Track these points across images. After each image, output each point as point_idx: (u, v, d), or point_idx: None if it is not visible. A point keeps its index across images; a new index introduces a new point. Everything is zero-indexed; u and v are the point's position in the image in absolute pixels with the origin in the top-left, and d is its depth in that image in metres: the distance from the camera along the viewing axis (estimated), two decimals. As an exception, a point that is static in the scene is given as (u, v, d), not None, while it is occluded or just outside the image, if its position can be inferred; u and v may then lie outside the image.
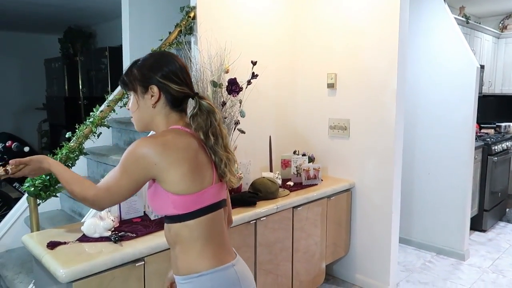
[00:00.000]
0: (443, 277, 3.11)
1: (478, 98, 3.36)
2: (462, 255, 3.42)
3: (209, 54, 2.38)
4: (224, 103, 2.33)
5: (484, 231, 4.09)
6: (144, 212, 2.05)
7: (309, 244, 2.60)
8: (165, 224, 1.22)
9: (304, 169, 2.74)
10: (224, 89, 2.34)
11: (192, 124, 1.18)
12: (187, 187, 1.12)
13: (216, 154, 1.18)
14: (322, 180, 2.82)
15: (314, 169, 2.75)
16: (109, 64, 4.91)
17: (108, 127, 2.29)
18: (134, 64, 1.23)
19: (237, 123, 2.44)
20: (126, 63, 3.12)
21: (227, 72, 2.37)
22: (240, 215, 2.10)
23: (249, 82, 2.45)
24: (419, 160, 3.59)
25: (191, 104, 1.23)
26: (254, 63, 2.45)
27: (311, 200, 2.56)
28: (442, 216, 3.51)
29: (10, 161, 1.20)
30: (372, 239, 2.85)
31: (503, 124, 5.03)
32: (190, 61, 2.32)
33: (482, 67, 4.57)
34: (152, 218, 1.98)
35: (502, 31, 5.26)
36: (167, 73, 1.18)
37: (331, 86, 2.95)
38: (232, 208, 2.16)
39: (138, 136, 2.63)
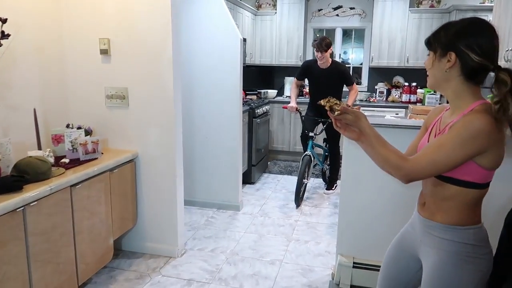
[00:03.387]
0: (223, 228, 3.49)
1: (243, 68, 3.80)
2: (237, 206, 3.91)
3: None
4: (-37, 69, 1.85)
5: (253, 183, 4.77)
6: None
7: (93, 223, 2.44)
8: (438, 181, 1.26)
9: (80, 144, 2.50)
10: (-39, 51, 1.85)
11: (493, 94, 1.17)
12: (496, 164, 1.19)
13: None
14: (102, 153, 2.65)
15: (92, 142, 2.55)
16: None
17: None
18: (444, 26, 1.24)
19: (-14, 94, 1.99)
20: None
21: (-37, 29, 1.88)
22: (2, 203, 1.75)
23: (-2, 44, 2.01)
24: (198, 126, 3.83)
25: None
26: (3, 21, 2.02)
27: (92, 176, 2.38)
28: (220, 175, 3.88)
29: (340, 107, 1.25)
30: (159, 206, 2.91)
31: (262, 91, 5.88)
32: None
33: (244, 40, 5.15)
34: None
35: (258, 9, 6.04)
36: (471, 43, 1.16)
37: (104, 52, 2.74)
38: (-10, 198, 1.79)
39: None
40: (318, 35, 6.42)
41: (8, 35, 2.03)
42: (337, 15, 6.04)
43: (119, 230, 2.74)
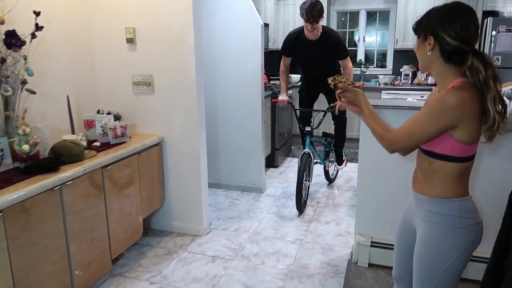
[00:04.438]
0: (247, 209, 3.62)
1: (266, 53, 3.86)
2: (260, 188, 4.02)
3: (-26, 0, 1.98)
4: (3, 60, 2.02)
5: (276, 166, 4.87)
6: None
7: (123, 202, 2.61)
8: (424, 156, 1.37)
9: (110, 128, 2.66)
10: (1, 44, 2.01)
11: (469, 76, 1.27)
12: (472, 139, 1.26)
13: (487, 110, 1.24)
14: (130, 137, 2.81)
15: (121, 127, 2.70)
16: None
17: None
18: (427, 13, 1.34)
19: (24, 82, 2.16)
20: None
21: (2, 23, 2.03)
22: (41, 182, 1.93)
23: (33, 35, 2.17)
24: (221, 111, 3.94)
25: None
26: (37, 14, 2.17)
27: (121, 158, 2.54)
28: (243, 158, 4.00)
29: (341, 85, 1.46)
30: (185, 187, 3.06)
31: (286, 76, 5.91)
32: None
33: (266, 25, 5.19)
34: None
35: (280, -6, 6.03)
36: (446, 27, 1.26)
37: (130, 41, 2.88)
38: (29, 177, 1.97)
39: None
40: (342, 19, 6.36)
41: (42, 27, 2.18)
42: (361, -3, 5.95)
43: (148, 209, 2.91)
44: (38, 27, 2.17)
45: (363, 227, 2.67)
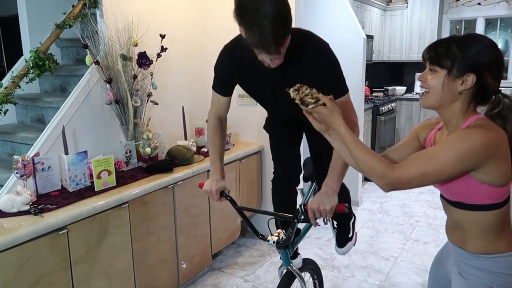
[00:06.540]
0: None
1: (369, 65, 3.85)
2: (356, 201, 3.98)
3: (117, 28, 2.41)
4: (135, 76, 2.41)
5: (375, 181, 4.75)
6: (62, 185, 2.09)
7: (225, 204, 2.85)
8: (452, 208, 1.19)
9: (216, 136, 2.94)
10: (134, 63, 2.41)
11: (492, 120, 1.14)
12: (503, 180, 1.10)
13: None
14: (234, 145, 3.07)
15: (226, 135, 2.97)
16: (2, 36, 4.57)
17: (15, 103, 2.23)
18: (453, 40, 1.12)
19: (149, 95, 2.54)
20: (25, 36, 2.96)
21: (136, 45, 2.44)
22: (158, 180, 2.26)
23: (159, 55, 2.55)
24: (320, 123, 4.02)
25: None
26: (162, 37, 2.54)
27: (224, 164, 2.78)
28: (340, 170, 4.00)
29: (321, 97, 1.17)
30: (281, 194, 3.20)
31: (390, 88, 5.75)
32: (97, 35, 2.33)
33: (371, 37, 5.13)
34: (71, 190, 2.04)
35: (388, 4, 5.89)
36: (492, 66, 1.08)
37: (238, 57, 3.15)
38: (150, 175, 2.31)
39: (46, 112, 2.58)
40: (457, 27, 5.95)
41: (166, 49, 2.55)
42: (479, 3, 5.50)
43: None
44: (163, 49, 2.54)
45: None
